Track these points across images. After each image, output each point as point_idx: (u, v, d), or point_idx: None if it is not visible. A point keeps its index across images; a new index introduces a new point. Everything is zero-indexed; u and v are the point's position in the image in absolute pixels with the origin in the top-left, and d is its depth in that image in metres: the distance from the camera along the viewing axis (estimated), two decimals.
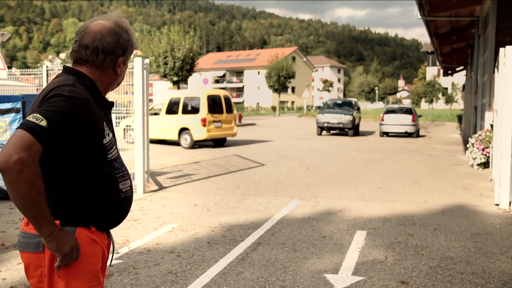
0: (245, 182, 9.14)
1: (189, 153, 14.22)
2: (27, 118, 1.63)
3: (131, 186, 1.94)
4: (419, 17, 15.13)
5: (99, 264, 1.86)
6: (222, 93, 16.32)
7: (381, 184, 8.93)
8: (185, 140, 15.56)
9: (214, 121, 15.49)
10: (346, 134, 22.29)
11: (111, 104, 1.91)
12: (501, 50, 7.05)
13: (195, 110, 15.40)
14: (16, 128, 1.63)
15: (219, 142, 16.69)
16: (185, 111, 15.64)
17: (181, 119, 15.58)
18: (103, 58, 1.83)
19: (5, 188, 7.19)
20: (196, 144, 15.97)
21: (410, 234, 5.59)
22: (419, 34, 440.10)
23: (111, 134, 1.86)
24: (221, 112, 15.74)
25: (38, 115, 1.61)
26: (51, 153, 1.69)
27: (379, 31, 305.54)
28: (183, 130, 15.57)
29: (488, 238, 5.43)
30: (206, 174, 10.06)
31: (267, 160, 12.28)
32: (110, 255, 1.98)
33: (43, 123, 1.60)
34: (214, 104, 15.64)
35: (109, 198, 1.83)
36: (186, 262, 4.56)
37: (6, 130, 7.20)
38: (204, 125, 15.11)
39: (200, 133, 15.21)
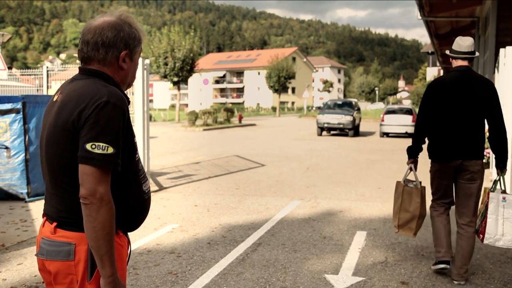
0: (245, 182, 9.14)
1: (189, 153, 14.23)
2: (91, 150, 1.61)
3: (149, 186, 1.94)
4: (419, 17, 15.13)
5: (126, 268, 1.87)
6: None
7: (382, 185, 8.93)
8: None
9: None
10: (346, 135, 22.28)
11: (129, 102, 1.88)
12: (501, 50, 7.05)
13: None
14: (83, 163, 1.63)
15: None
16: None
17: None
18: (104, 53, 1.76)
19: (5, 188, 7.21)
20: None
21: None
22: (420, 34, 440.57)
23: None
24: None
25: (101, 144, 1.62)
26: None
27: (379, 32, 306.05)
28: None
29: None
30: (206, 174, 10.06)
31: (267, 161, 12.28)
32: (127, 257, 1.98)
33: (110, 150, 1.63)
34: None
35: (135, 200, 1.83)
36: (186, 262, 4.56)
37: (6, 131, 7.20)
38: None
39: None
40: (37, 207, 6.86)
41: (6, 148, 7.19)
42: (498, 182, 4.12)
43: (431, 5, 14.33)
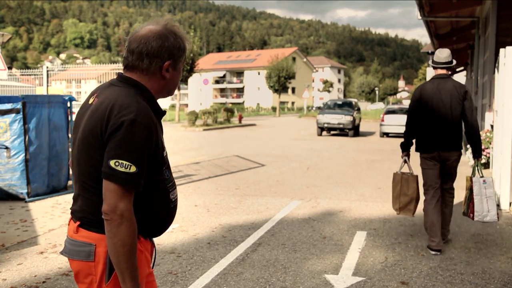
0: (245, 182, 9.14)
1: (189, 153, 14.23)
2: (114, 166, 1.64)
3: (177, 194, 1.96)
4: (419, 17, 15.12)
5: (145, 273, 1.87)
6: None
7: (382, 185, 8.93)
8: None
9: None
10: (346, 135, 22.28)
11: (164, 113, 1.89)
12: (501, 50, 7.04)
13: None
14: (106, 179, 1.65)
15: None
16: None
17: None
18: (148, 63, 1.78)
19: (5, 188, 7.21)
20: None
21: (410, 234, 5.59)
22: (420, 34, 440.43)
23: (164, 145, 1.88)
24: None
25: (124, 162, 1.64)
26: None
27: (379, 32, 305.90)
28: None
29: (488, 238, 5.43)
30: (206, 174, 10.06)
31: (267, 161, 12.28)
32: (152, 259, 1.98)
33: (133, 169, 1.65)
34: None
35: (160, 208, 1.84)
36: (187, 262, 4.56)
37: (6, 131, 7.20)
38: None
39: None
40: (37, 207, 6.86)
41: (6, 148, 7.19)
42: (476, 169, 5.01)
43: (431, 5, 14.32)
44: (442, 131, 4.87)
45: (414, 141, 5.19)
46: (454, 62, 4.96)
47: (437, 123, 4.87)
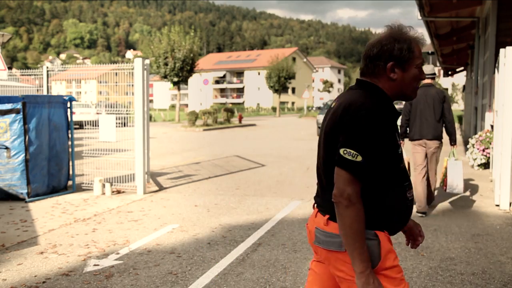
0: (246, 182, 9.14)
1: (189, 153, 14.23)
2: (342, 154, 1.79)
3: (413, 194, 2.04)
4: (420, 17, 15.10)
5: (389, 264, 1.96)
6: None
7: None
8: None
9: None
10: None
11: (399, 114, 1.97)
12: (501, 51, 7.04)
13: None
14: (336, 165, 1.82)
15: None
16: None
17: None
18: (372, 66, 1.94)
19: (5, 188, 7.22)
20: None
21: None
22: None
23: (400, 145, 1.98)
24: None
25: (352, 151, 1.78)
26: None
27: (379, 32, 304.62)
28: None
29: (488, 238, 5.43)
30: (206, 174, 10.06)
31: (267, 161, 12.28)
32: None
33: (359, 158, 1.78)
34: None
35: (400, 205, 1.94)
36: (187, 262, 4.56)
37: (6, 131, 7.20)
38: None
39: None
40: (37, 207, 6.86)
41: (6, 148, 7.19)
42: (452, 154, 6.84)
43: (431, 5, 14.31)
44: (427, 125, 6.50)
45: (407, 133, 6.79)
46: (436, 74, 6.50)
47: (424, 119, 6.50)
